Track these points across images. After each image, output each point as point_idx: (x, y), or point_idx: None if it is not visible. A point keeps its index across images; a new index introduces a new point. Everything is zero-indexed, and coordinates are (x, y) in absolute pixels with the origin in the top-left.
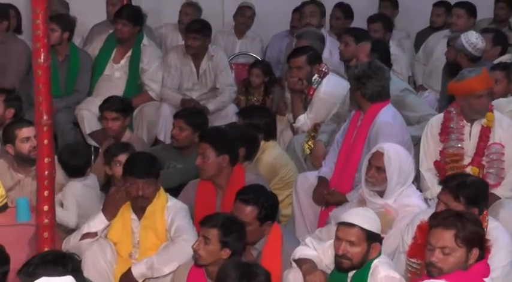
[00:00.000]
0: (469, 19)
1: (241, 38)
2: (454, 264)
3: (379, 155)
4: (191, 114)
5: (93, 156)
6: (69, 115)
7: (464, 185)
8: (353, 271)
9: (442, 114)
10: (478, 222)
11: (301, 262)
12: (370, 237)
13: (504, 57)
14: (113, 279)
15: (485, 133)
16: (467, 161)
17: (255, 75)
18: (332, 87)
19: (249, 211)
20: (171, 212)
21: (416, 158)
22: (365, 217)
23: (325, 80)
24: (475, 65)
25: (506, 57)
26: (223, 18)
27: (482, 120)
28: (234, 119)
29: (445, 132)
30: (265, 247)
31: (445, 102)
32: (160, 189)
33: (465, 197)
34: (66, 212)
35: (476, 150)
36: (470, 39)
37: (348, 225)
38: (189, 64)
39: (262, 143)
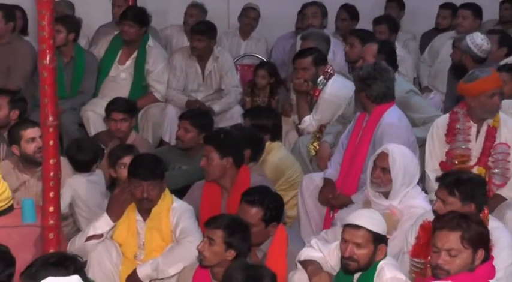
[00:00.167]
0: (474, 20)
1: (246, 39)
2: (461, 266)
3: (384, 155)
4: (197, 115)
5: None
6: (75, 116)
7: (459, 181)
8: (359, 273)
9: (447, 115)
10: (482, 223)
11: (306, 264)
12: (377, 239)
13: (510, 58)
14: (118, 281)
15: (492, 133)
16: (474, 161)
17: (261, 77)
18: (337, 89)
19: (254, 212)
20: (176, 213)
21: (422, 159)
22: (371, 219)
23: (330, 81)
24: (481, 66)
25: None
26: (229, 19)
27: (489, 120)
28: (240, 120)
29: (451, 133)
30: (270, 248)
31: (450, 104)
32: (166, 191)
33: (460, 192)
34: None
35: (483, 151)
36: (475, 41)
37: (355, 227)
38: (194, 65)
39: (268, 144)
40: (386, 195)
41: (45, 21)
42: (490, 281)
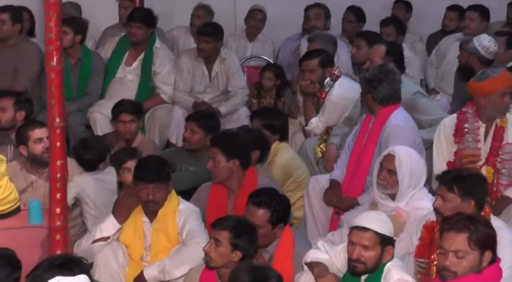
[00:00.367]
0: (482, 22)
1: (253, 41)
2: (468, 268)
3: (390, 157)
4: (203, 117)
5: None
6: (82, 118)
7: (459, 177)
8: (366, 275)
9: (454, 115)
10: (489, 224)
11: (313, 265)
12: (384, 241)
13: None
14: None
15: (499, 133)
16: (483, 161)
17: (267, 78)
18: (344, 91)
19: (261, 214)
20: (182, 215)
21: (428, 161)
22: (379, 221)
23: (337, 83)
24: (488, 68)
25: None
26: (235, 21)
27: (497, 120)
28: (246, 121)
29: (459, 133)
30: (277, 250)
31: (457, 106)
32: (172, 192)
33: (460, 188)
34: None
35: (490, 150)
36: (482, 42)
37: (362, 229)
38: (201, 67)
39: (276, 144)
40: (393, 197)
41: (53, 22)
42: None
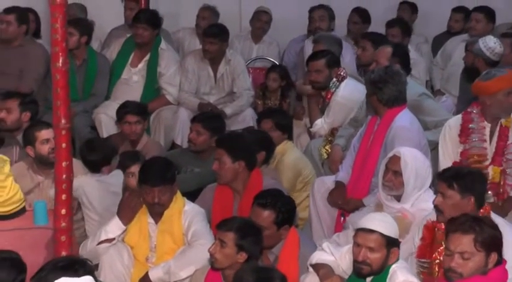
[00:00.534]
0: (487, 24)
1: (258, 42)
2: (474, 269)
3: (396, 159)
4: (209, 118)
5: None
6: (87, 119)
7: (458, 174)
8: (371, 276)
9: (459, 116)
10: (496, 226)
11: (318, 267)
12: (389, 243)
13: None
14: None
15: (505, 133)
16: (489, 161)
17: (272, 80)
18: (350, 92)
19: (266, 215)
20: (188, 216)
21: (434, 162)
22: (384, 222)
23: (343, 84)
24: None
25: None
26: (241, 22)
27: (502, 120)
28: (252, 123)
29: (465, 133)
30: (282, 251)
31: (462, 107)
32: (178, 193)
33: (459, 185)
34: None
35: (496, 150)
36: (488, 44)
37: (368, 231)
38: (206, 68)
39: (284, 143)
40: (398, 199)
41: (58, 24)
42: None
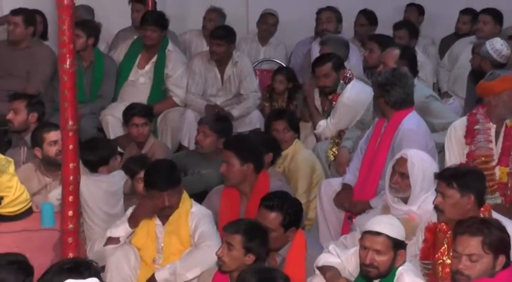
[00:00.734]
0: (495, 26)
1: (265, 45)
2: (481, 272)
3: (403, 161)
4: (216, 120)
5: None
6: (94, 121)
7: (458, 173)
8: (378, 279)
9: (465, 117)
10: (503, 228)
11: (324, 269)
12: (396, 245)
13: None
14: None
15: (510, 133)
16: (496, 162)
17: (279, 82)
18: (356, 94)
19: (273, 217)
20: (195, 217)
21: (441, 164)
22: (391, 225)
23: (349, 85)
24: None
25: None
26: (248, 24)
27: (507, 121)
28: (258, 125)
29: (470, 134)
30: (289, 253)
31: (469, 109)
32: (185, 195)
33: (459, 183)
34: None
35: (502, 151)
36: (495, 46)
37: (374, 234)
38: (213, 70)
39: (296, 142)
40: (405, 201)
41: (66, 25)
42: None
